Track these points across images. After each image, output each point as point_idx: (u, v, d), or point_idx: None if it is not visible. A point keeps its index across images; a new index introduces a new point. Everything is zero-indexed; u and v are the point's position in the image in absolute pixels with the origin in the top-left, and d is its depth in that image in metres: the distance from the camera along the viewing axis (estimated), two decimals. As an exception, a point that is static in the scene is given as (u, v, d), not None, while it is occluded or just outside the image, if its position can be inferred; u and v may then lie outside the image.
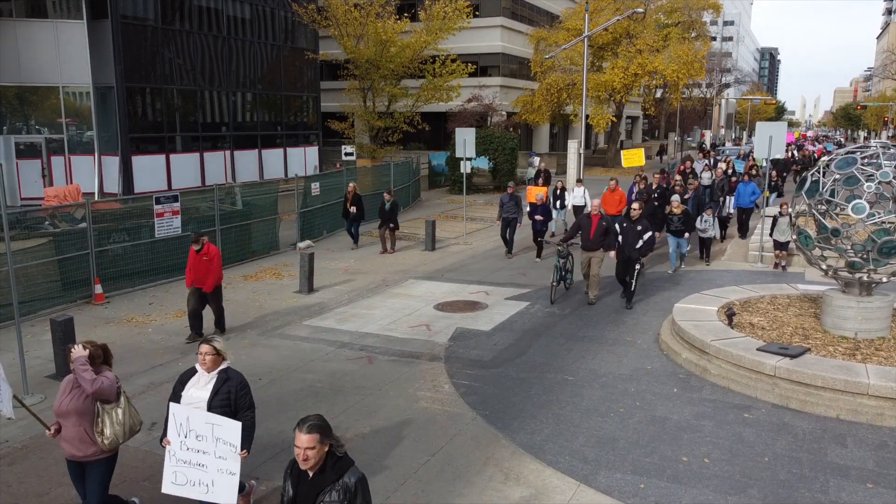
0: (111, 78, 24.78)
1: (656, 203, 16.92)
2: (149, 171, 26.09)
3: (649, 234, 12.21)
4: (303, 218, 18.48)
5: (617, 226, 12.53)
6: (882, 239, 8.90)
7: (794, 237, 10.07)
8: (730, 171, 24.13)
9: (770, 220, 15.41)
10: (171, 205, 14.33)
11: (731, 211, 19.43)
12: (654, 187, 18.06)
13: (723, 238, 18.56)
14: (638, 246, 12.07)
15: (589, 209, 13.31)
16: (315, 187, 19.37)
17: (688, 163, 26.06)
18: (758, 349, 8.76)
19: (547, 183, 21.68)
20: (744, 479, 6.52)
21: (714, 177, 24.56)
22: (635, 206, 12.57)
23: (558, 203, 19.82)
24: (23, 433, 7.65)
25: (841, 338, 9.27)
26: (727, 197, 19.82)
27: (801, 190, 9.84)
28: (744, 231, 18.66)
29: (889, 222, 8.95)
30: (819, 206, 9.44)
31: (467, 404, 8.26)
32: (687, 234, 14.79)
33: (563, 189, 20.04)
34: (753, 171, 24.36)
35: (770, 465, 6.77)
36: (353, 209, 17.88)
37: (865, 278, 9.32)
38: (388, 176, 23.93)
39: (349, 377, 9.20)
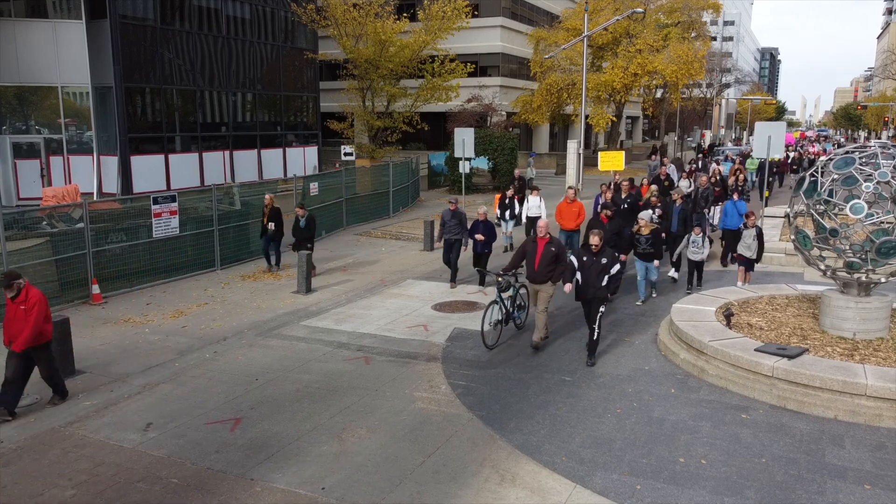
0: (110, 78, 24.76)
1: (625, 215, 14.59)
2: (148, 171, 26.06)
3: (616, 267, 9.74)
4: (301, 218, 18.42)
5: (575, 259, 9.84)
6: (880, 239, 8.87)
7: (793, 237, 10.03)
8: (718, 178, 20.94)
9: (767, 222, 15.25)
10: (168, 205, 14.32)
11: (715, 227, 16.17)
12: (623, 197, 15.75)
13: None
14: (604, 283, 9.64)
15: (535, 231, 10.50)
16: (314, 187, 19.34)
17: (663, 169, 21.87)
18: (756, 349, 8.73)
19: (522, 192, 19.00)
20: (741, 480, 6.50)
21: (692, 185, 21.46)
22: (594, 239, 9.69)
23: (507, 214, 17.36)
24: (18, 434, 7.63)
25: (839, 338, 9.24)
26: (712, 208, 17.51)
27: (799, 190, 9.81)
28: (726, 256, 15.40)
29: (887, 222, 8.92)
30: (817, 207, 9.41)
31: (464, 405, 8.24)
32: (657, 262, 12.57)
33: (513, 198, 17.58)
34: (740, 177, 21.24)
35: (767, 467, 6.74)
36: (270, 226, 15.04)
37: (864, 279, 9.29)
38: (388, 176, 23.91)
39: (346, 377, 9.18)
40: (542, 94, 41.58)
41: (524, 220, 17.34)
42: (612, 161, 23.95)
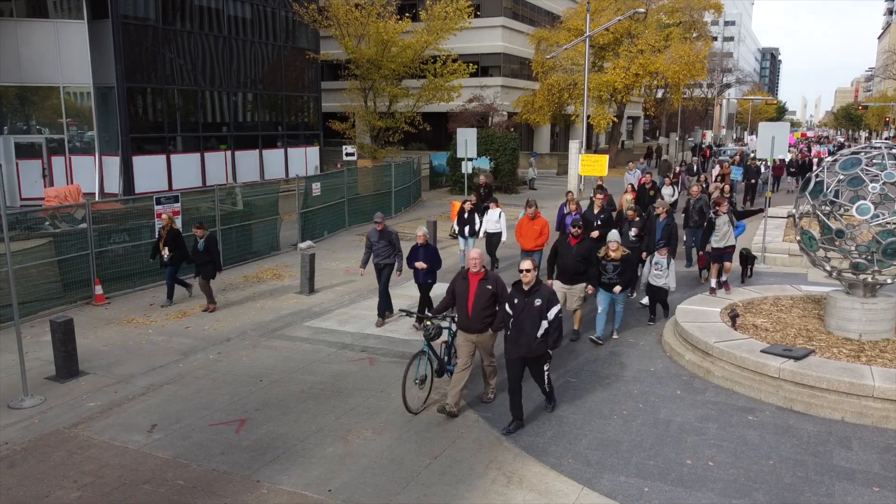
0: (112, 78, 24.73)
1: (597, 236, 12.64)
2: (149, 171, 26.04)
3: (555, 310, 7.37)
4: (304, 218, 18.44)
5: (507, 305, 7.53)
6: (887, 240, 8.85)
7: (798, 238, 10.01)
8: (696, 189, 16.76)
9: (770, 222, 15.13)
10: (171, 205, 14.30)
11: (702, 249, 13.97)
12: (596, 212, 13.51)
13: (703, 274, 14.05)
14: (540, 333, 7.31)
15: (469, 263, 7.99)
16: (316, 187, 19.32)
17: (647, 176, 18.68)
18: (762, 351, 8.71)
19: (487, 200, 16.61)
20: (748, 482, 6.47)
21: (676, 192, 19.18)
22: (527, 265, 7.39)
23: (466, 229, 14.86)
24: (22, 435, 7.60)
25: (845, 339, 9.21)
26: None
27: (805, 190, 9.79)
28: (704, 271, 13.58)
29: (894, 223, 8.90)
30: (823, 207, 9.39)
31: (469, 406, 8.21)
32: (632, 293, 10.85)
33: (473, 211, 14.99)
34: (726, 188, 17.53)
35: (775, 469, 6.72)
36: (165, 251, 12.48)
37: (870, 279, 9.26)
38: (390, 176, 23.89)
39: (351, 378, 9.15)
40: (543, 95, 41.54)
41: (482, 235, 15.11)
42: (593, 165, 21.11)
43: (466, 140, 20.19)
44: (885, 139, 62.06)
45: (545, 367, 7.60)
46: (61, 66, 24.73)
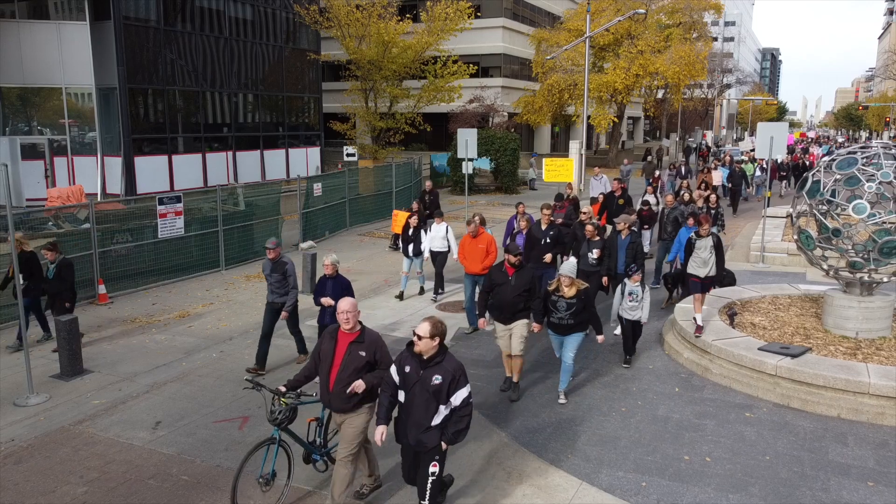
0: (113, 79, 24.87)
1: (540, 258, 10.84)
2: (151, 171, 26.18)
3: (462, 394, 5.40)
4: (305, 218, 18.53)
5: (395, 371, 5.49)
6: (883, 239, 8.94)
7: (796, 237, 10.10)
8: (686, 196, 14.82)
9: (770, 222, 15.09)
10: (173, 205, 14.40)
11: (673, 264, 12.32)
12: (544, 228, 11.11)
13: (674, 296, 12.27)
14: (436, 422, 5.36)
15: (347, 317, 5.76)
16: (317, 188, 19.42)
17: (616, 184, 16.23)
18: (759, 349, 8.80)
19: (432, 209, 15.10)
20: (745, 477, 6.56)
21: (660, 201, 16.76)
22: (423, 329, 5.29)
23: (411, 248, 13.13)
24: (28, 432, 7.70)
25: (842, 337, 9.30)
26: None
27: (802, 190, 9.88)
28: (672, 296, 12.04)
29: (890, 222, 8.98)
30: (820, 207, 9.48)
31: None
32: (602, 337, 8.51)
33: (418, 228, 13.20)
34: (712, 197, 15.19)
35: (771, 464, 6.80)
36: (19, 277, 9.28)
37: (866, 278, 9.35)
38: (391, 177, 23.98)
39: (352, 377, 9.22)
40: (543, 95, 41.66)
41: (426, 254, 13.10)
42: (559, 170, 19.27)
43: (467, 140, 20.27)
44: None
45: (431, 469, 5.32)
46: (63, 67, 24.87)
